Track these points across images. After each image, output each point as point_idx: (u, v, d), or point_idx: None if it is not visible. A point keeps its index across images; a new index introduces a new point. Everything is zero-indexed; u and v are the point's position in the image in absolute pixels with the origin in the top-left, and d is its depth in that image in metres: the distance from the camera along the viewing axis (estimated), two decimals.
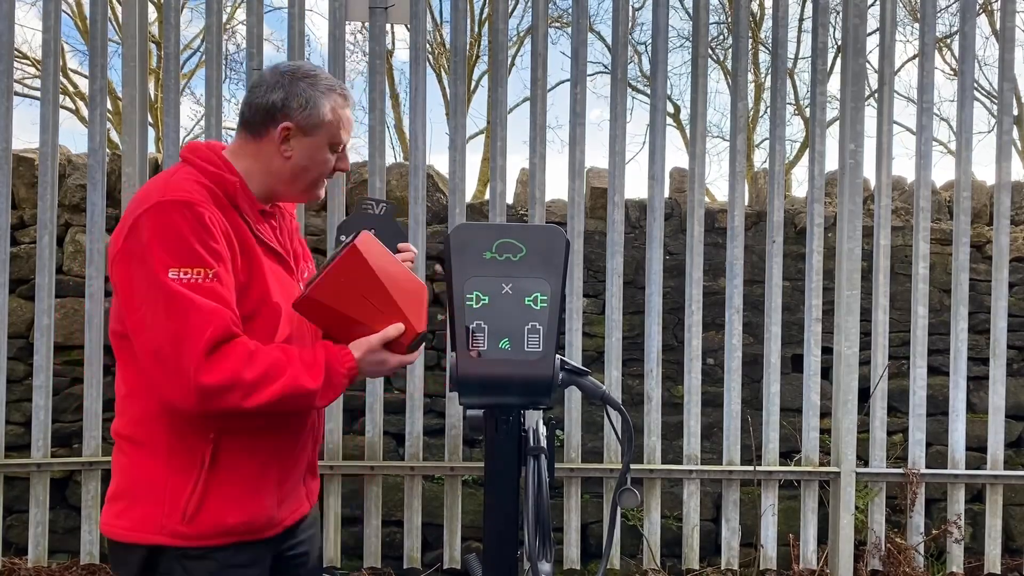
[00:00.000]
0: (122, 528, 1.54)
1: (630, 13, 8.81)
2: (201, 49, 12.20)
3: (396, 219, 1.88)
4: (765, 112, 12.16)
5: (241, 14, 11.42)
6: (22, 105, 13.28)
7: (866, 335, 3.64)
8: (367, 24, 3.60)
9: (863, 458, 3.67)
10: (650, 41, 4.13)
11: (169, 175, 1.56)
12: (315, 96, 1.60)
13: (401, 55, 13.04)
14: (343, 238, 1.75)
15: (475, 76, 12.82)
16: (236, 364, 1.43)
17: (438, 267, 3.95)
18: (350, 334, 1.56)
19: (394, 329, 1.56)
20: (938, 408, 3.89)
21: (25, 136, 20.90)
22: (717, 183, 15.39)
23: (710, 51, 12.27)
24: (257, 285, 1.55)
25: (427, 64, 10.43)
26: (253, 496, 1.56)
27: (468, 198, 4.00)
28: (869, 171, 3.75)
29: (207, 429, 1.51)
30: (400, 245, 1.84)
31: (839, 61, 4.63)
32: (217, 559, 1.53)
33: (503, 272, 1.58)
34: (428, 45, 11.46)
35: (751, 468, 3.56)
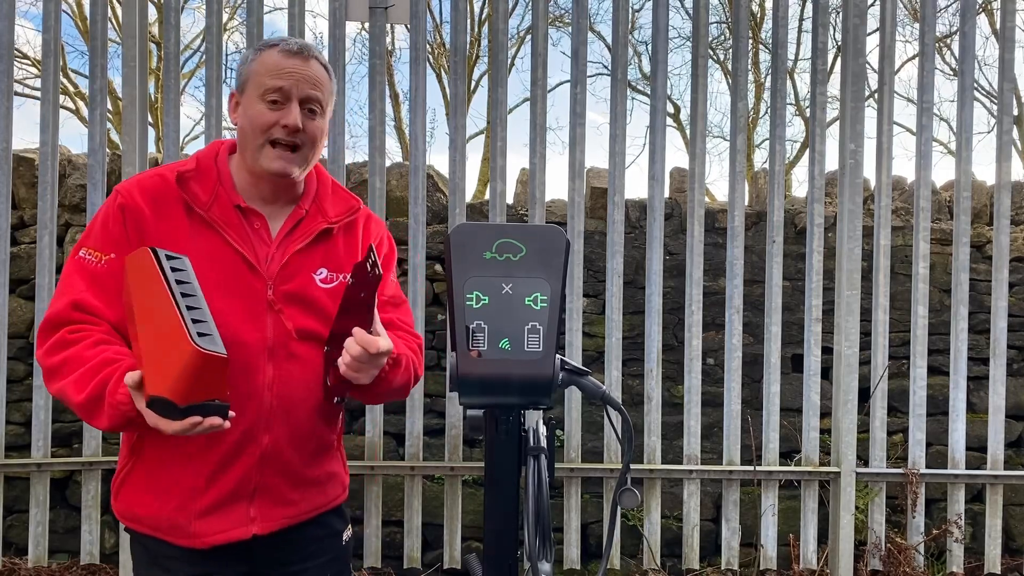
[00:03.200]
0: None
1: (630, 13, 8.81)
2: (201, 49, 12.20)
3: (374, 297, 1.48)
4: (765, 112, 12.16)
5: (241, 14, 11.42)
6: (24, 106, 13.28)
7: (866, 335, 3.64)
8: (367, 24, 3.60)
9: (863, 458, 3.67)
10: (650, 41, 4.13)
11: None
12: (249, 55, 1.56)
13: (401, 55, 13.01)
14: (350, 280, 1.44)
15: (475, 76, 12.83)
16: (46, 348, 1.45)
17: (438, 267, 3.96)
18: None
19: (133, 376, 1.30)
20: (938, 408, 3.89)
21: (25, 136, 20.92)
22: (717, 183, 15.42)
23: (710, 51, 12.28)
24: None
25: (427, 64, 10.43)
26: (159, 495, 1.52)
27: (468, 198, 4.00)
28: (869, 171, 3.76)
29: None
30: (354, 330, 1.44)
31: (839, 61, 4.63)
32: (147, 545, 1.56)
33: (503, 272, 1.58)
34: (428, 45, 11.46)
35: (751, 468, 3.56)
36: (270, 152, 1.53)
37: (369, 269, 1.40)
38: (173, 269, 1.32)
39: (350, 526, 1.80)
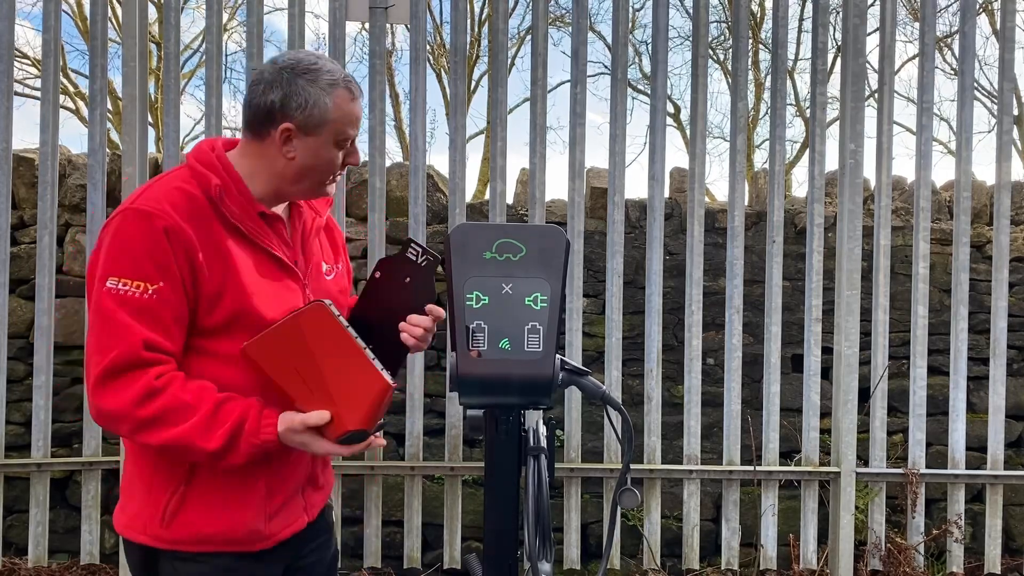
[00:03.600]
0: (120, 524, 1.57)
1: (630, 13, 8.82)
2: (201, 49, 12.21)
3: (435, 274, 1.66)
4: (766, 112, 12.16)
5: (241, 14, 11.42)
6: (24, 106, 13.28)
7: (866, 335, 3.64)
8: (367, 24, 3.60)
9: (863, 458, 3.66)
10: (650, 41, 4.14)
11: (155, 180, 1.52)
12: (316, 94, 1.50)
13: (401, 55, 13.01)
14: (377, 274, 1.62)
15: (475, 76, 12.83)
16: (131, 397, 1.38)
17: (438, 267, 3.95)
18: (283, 401, 1.46)
19: (316, 416, 1.42)
20: (938, 408, 3.89)
21: (25, 136, 20.92)
22: (717, 183, 15.42)
23: (710, 51, 12.27)
24: (232, 294, 1.47)
25: (427, 64, 10.43)
26: (235, 507, 1.51)
27: (468, 198, 4.00)
28: (869, 171, 3.75)
29: None
30: (428, 307, 1.64)
31: (839, 61, 4.63)
32: (205, 564, 1.51)
33: (503, 272, 1.58)
34: (428, 45, 11.45)
35: (751, 468, 3.56)
36: (330, 183, 1.61)
37: (419, 259, 1.61)
38: (339, 315, 1.44)
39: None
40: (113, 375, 1.39)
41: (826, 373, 3.73)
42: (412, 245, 1.61)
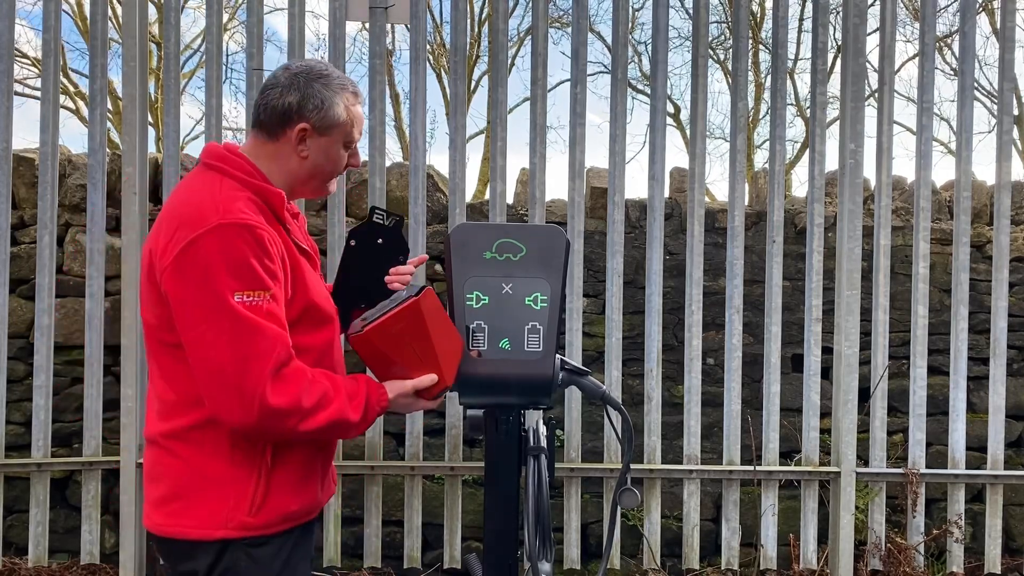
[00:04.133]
0: (185, 527, 1.57)
1: (630, 13, 8.82)
2: (201, 49, 12.21)
3: (403, 232, 1.97)
4: (766, 113, 12.16)
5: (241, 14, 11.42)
6: (27, 107, 13.28)
7: (866, 335, 3.64)
8: (367, 24, 3.60)
9: (863, 458, 3.66)
10: (650, 41, 4.13)
11: (214, 190, 1.56)
12: (329, 96, 1.64)
13: (401, 55, 13.01)
14: (352, 243, 1.83)
15: (475, 76, 12.81)
16: (298, 389, 1.51)
17: (438, 267, 3.95)
18: (387, 373, 1.65)
19: (428, 379, 1.62)
20: (938, 408, 3.89)
21: (25, 136, 20.91)
22: (717, 183, 15.39)
23: (710, 51, 12.27)
24: (300, 291, 1.61)
25: (427, 64, 10.42)
26: (307, 483, 1.66)
27: (468, 198, 3.99)
28: (869, 171, 3.75)
29: None
30: (408, 258, 1.89)
31: (839, 61, 4.63)
32: (275, 543, 1.61)
33: (503, 272, 1.58)
34: (428, 45, 11.45)
35: (751, 468, 3.56)
36: (333, 182, 1.77)
37: (386, 222, 1.84)
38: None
39: None
40: (276, 375, 1.50)
41: (826, 373, 3.73)
42: (376, 211, 1.85)
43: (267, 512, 1.59)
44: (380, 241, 1.82)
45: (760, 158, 11.69)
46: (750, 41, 10.08)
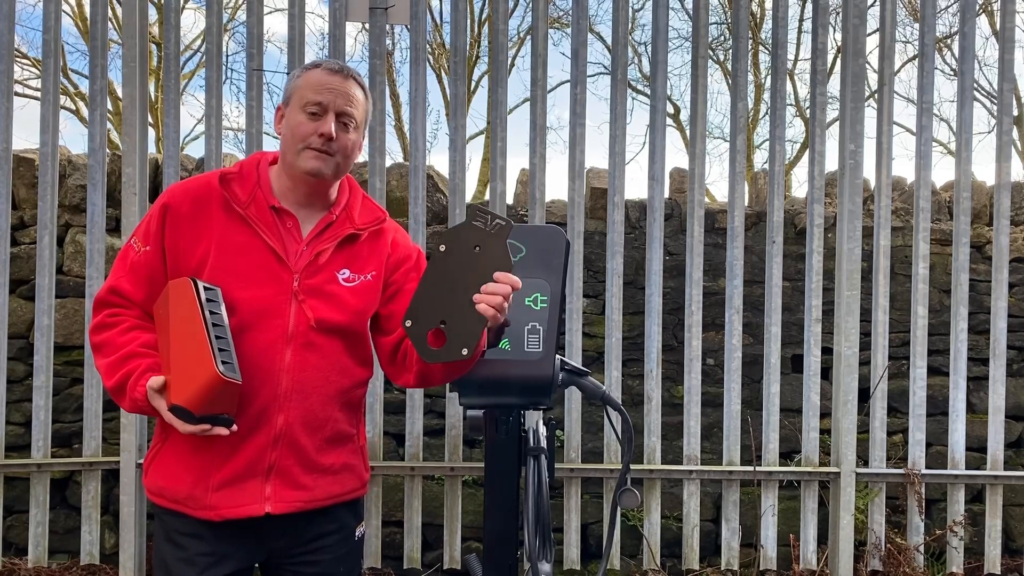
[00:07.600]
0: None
1: (630, 13, 8.80)
2: (201, 50, 12.20)
3: (507, 241, 1.49)
4: (765, 113, 12.16)
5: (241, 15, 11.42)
6: (24, 106, 13.28)
7: (866, 335, 3.64)
8: (367, 24, 3.60)
9: (863, 458, 3.67)
10: (650, 41, 4.13)
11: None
12: (296, 73, 1.73)
13: (401, 55, 13.00)
14: (442, 248, 1.47)
15: (475, 76, 12.81)
16: (94, 327, 1.68)
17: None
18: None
19: (156, 379, 1.53)
20: (938, 408, 3.89)
21: (25, 136, 20.90)
22: (717, 183, 15.40)
23: (710, 51, 12.27)
24: (210, 271, 1.63)
25: (427, 64, 10.43)
26: (184, 469, 1.66)
27: (468, 198, 4.00)
28: (869, 171, 3.76)
29: None
30: (497, 275, 1.46)
31: (839, 61, 4.62)
32: (165, 521, 1.70)
33: None
34: (428, 45, 11.45)
35: (751, 468, 3.56)
36: (306, 154, 1.67)
37: (488, 226, 1.46)
38: (208, 300, 1.54)
39: (363, 523, 1.89)
40: (94, 307, 1.70)
41: (826, 373, 3.73)
42: (478, 213, 1.47)
43: (150, 476, 1.71)
44: (476, 248, 1.46)
45: (760, 158, 11.69)
46: (750, 42, 10.06)
